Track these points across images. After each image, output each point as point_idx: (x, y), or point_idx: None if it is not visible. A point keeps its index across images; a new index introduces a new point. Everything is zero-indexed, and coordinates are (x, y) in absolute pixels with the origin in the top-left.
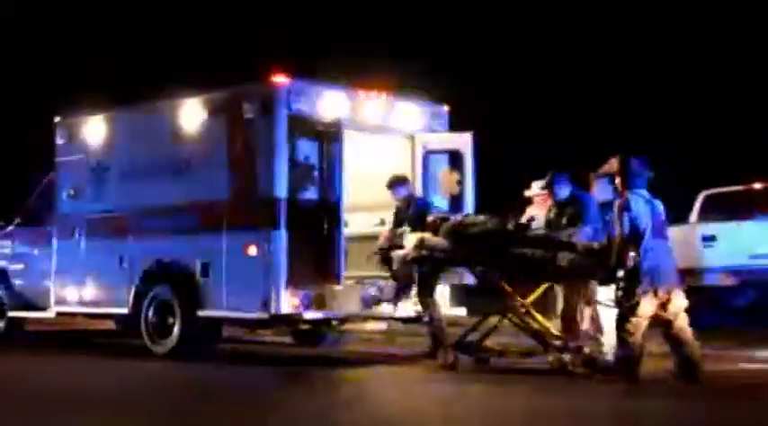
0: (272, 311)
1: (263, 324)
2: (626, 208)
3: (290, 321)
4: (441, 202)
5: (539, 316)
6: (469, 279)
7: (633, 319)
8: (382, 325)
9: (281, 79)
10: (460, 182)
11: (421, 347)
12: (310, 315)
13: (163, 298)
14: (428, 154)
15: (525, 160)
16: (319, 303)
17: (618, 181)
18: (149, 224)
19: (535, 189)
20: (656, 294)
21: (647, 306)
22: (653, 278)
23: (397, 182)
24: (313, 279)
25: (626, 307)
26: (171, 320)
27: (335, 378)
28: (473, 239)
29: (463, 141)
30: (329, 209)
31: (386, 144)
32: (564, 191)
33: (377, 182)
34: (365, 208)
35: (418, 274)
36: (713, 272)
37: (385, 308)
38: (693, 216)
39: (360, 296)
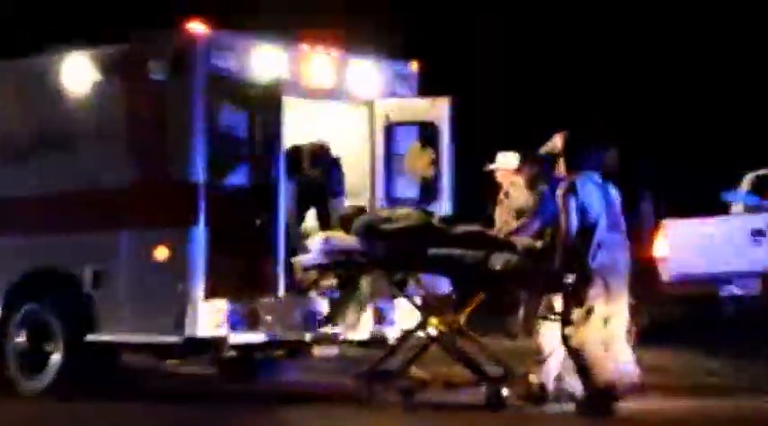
0: (187, 333)
1: (175, 351)
2: (572, 192)
3: (211, 346)
4: (409, 189)
5: (474, 336)
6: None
7: (583, 331)
8: (332, 351)
9: (198, 28)
10: (435, 163)
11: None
12: (238, 337)
13: (38, 318)
14: (392, 126)
15: (518, 132)
16: (251, 321)
17: (561, 161)
18: (20, 219)
19: (500, 161)
20: (609, 298)
21: (603, 312)
22: (606, 278)
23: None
24: (242, 291)
25: (577, 318)
26: (49, 347)
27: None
28: (388, 237)
29: (438, 110)
30: (263, 198)
31: (337, 113)
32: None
33: None
34: None
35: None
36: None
37: (336, 328)
38: (737, 203)
39: (305, 311)
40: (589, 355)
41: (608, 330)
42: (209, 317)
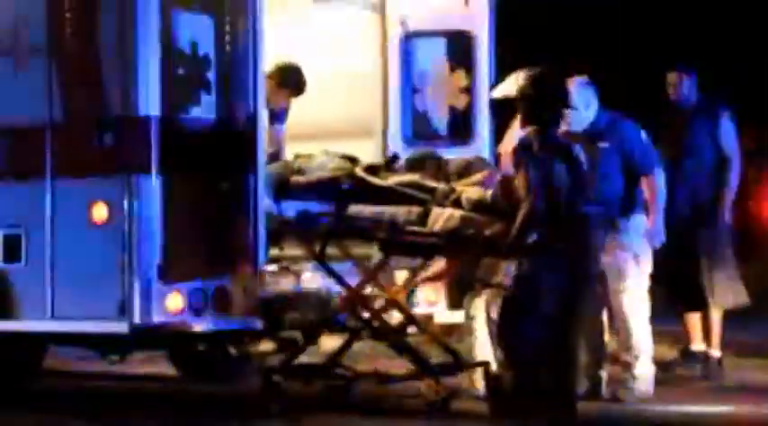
0: (136, 320)
1: (119, 344)
2: (526, 152)
3: (169, 337)
4: (434, 124)
5: (413, 317)
6: None
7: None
8: (333, 342)
9: None
10: (469, 89)
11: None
12: (203, 324)
13: None
14: (410, 37)
15: (578, 46)
16: (221, 304)
17: (521, 111)
18: None
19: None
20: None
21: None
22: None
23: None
24: (210, 264)
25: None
26: None
27: None
28: (298, 195)
29: (474, 15)
30: (236, 137)
31: (335, 20)
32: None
33: (322, 89)
34: (301, 135)
35: None
36: None
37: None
38: None
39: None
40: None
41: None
42: (166, 299)
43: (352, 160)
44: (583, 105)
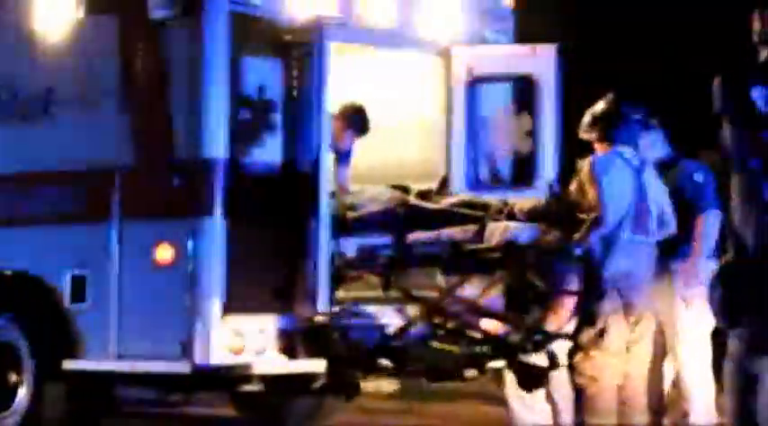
0: (197, 360)
1: (182, 384)
2: (600, 171)
3: (229, 378)
4: (498, 168)
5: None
6: None
7: (597, 358)
8: (389, 386)
9: None
10: (533, 133)
11: None
12: (265, 366)
13: (1, 340)
14: (476, 81)
15: (645, 91)
16: (283, 346)
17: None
18: None
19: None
20: (626, 315)
21: (619, 335)
22: (623, 290)
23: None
24: (271, 306)
25: (587, 340)
26: (15, 378)
27: None
28: (355, 229)
29: (540, 61)
30: (300, 180)
31: (401, 65)
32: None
33: (386, 133)
34: (366, 177)
35: None
36: None
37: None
38: None
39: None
40: (598, 393)
41: (627, 360)
42: (227, 340)
43: (404, 189)
44: (647, 146)
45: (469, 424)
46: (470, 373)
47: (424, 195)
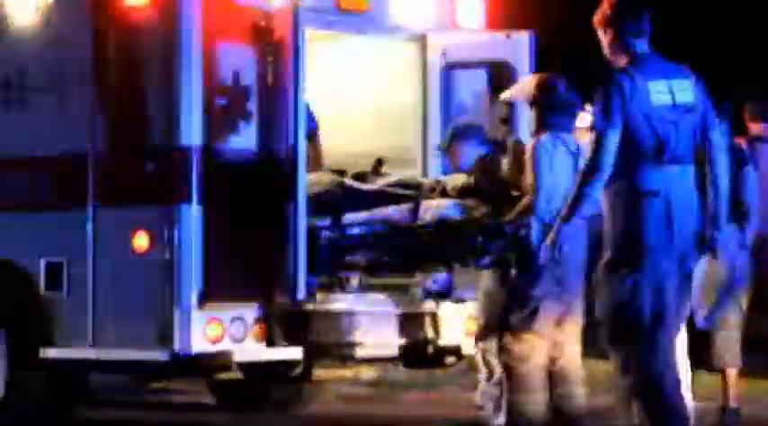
0: (177, 348)
1: (160, 372)
2: (544, 154)
3: (208, 366)
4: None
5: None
6: None
7: (527, 339)
8: (368, 373)
9: None
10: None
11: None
12: (245, 354)
13: None
14: (450, 68)
15: None
16: (261, 333)
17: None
18: None
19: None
20: (561, 297)
21: (550, 317)
22: (557, 271)
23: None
24: (250, 293)
25: (514, 318)
26: None
27: None
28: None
29: (515, 47)
30: (277, 167)
31: (376, 51)
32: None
33: (361, 120)
34: (340, 164)
35: None
36: None
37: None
38: None
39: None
40: (528, 373)
41: (558, 341)
42: (206, 328)
43: (341, 173)
44: None
45: (449, 411)
46: (450, 360)
47: (360, 177)
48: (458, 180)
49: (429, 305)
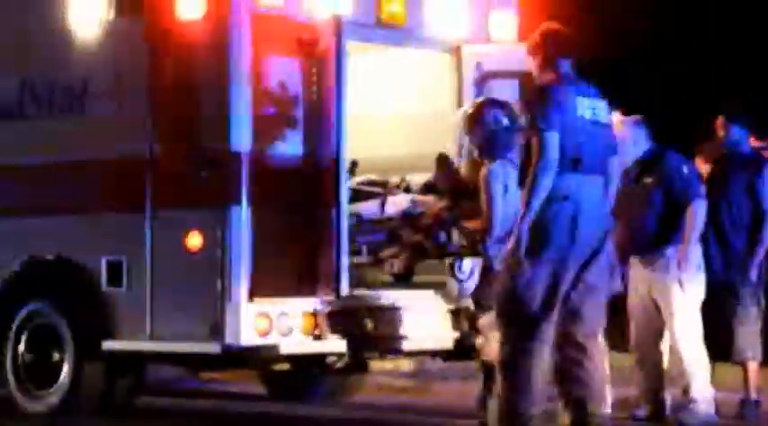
0: (227, 340)
1: (212, 364)
2: (492, 182)
3: (257, 358)
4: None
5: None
6: None
7: (495, 340)
8: (406, 365)
9: None
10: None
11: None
12: (292, 347)
13: (42, 321)
14: (485, 78)
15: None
16: (308, 327)
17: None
18: (13, 196)
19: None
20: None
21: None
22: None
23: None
24: (296, 290)
25: (484, 321)
26: (57, 357)
27: None
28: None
29: None
30: (321, 171)
31: (414, 62)
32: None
33: (398, 126)
34: (378, 168)
35: None
36: None
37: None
38: None
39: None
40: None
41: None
42: (255, 322)
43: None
44: (632, 141)
45: None
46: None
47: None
48: (419, 178)
49: (466, 301)
